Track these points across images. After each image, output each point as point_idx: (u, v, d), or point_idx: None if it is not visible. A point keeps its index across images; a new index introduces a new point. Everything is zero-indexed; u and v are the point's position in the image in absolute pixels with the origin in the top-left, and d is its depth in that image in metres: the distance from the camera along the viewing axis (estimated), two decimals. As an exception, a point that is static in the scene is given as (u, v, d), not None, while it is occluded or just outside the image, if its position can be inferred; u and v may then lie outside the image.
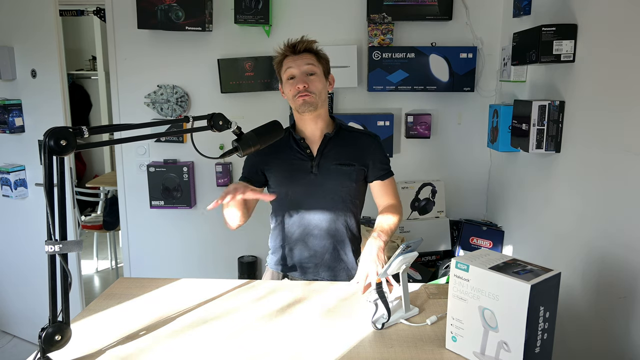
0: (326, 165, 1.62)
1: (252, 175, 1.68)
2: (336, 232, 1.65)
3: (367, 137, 1.69)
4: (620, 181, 1.55)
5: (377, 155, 1.66)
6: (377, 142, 1.69)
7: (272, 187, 1.69)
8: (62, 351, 1.07)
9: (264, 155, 1.61)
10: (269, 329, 1.25)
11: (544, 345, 1.02)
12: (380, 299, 1.24)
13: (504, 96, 2.54)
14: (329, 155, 1.62)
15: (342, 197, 1.64)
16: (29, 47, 2.52)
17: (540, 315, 0.99)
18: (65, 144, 0.97)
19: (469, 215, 2.77)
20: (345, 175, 1.63)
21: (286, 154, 1.65)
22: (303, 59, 1.58)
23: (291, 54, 1.59)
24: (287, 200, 1.65)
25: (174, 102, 2.64)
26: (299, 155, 1.64)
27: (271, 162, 1.65)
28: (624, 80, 1.54)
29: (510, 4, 2.36)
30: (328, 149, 1.63)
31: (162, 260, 2.83)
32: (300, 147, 1.63)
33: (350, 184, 1.64)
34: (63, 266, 1.01)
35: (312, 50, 1.61)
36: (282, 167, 1.65)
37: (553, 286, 1.01)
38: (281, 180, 1.66)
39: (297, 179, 1.63)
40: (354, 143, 1.66)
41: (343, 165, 1.62)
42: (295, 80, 1.56)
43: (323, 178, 1.62)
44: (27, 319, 2.80)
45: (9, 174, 2.60)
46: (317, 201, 1.63)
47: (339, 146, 1.64)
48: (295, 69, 1.57)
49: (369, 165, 1.65)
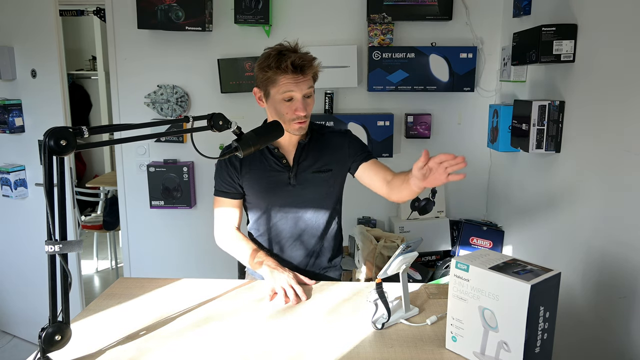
0: (304, 175, 1.59)
1: (229, 189, 1.61)
2: (319, 239, 1.66)
3: (337, 135, 1.65)
4: (620, 181, 1.55)
5: (352, 149, 1.62)
6: (348, 137, 1.65)
7: (250, 199, 1.64)
8: (62, 351, 1.07)
9: (238, 163, 1.58)
10: (269, 329, 1.25)
11: (544, 345, 1.02)
12: (380, 299, 1.24)
13: (504, 96, 2.54)
14: (305, 164, 1.59)
15: (323, 205, 1.63)
16: (29, 47, 2.52)
17: (540, 315, 0.99)
18: (65, 144, 0.97)
19: (469, 215, 2.77)
20: (324, 182, 1.61)
21: (262, 164, 1.58)
22: (305, 82, 1.47)
23: (293, 74, 1.44)
24: (267, 213, 1.63)
25: (174, 102, 2.64)
26: (275, 166, 1.58)
27: (247, 174, 1.59)
28: (624, 80, 1.54)
29: (510, 4, 2.36)
30: (304, 157, 1.59)
31: (162, 260, 2.83)
32: (276, 157, 1.57)
33: (329, 189, 1.63)
34: (63, 266, 1.01)
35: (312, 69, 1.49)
36: (260, 181, 1.59)
37: (553, 286, 1.02)
38: (259, 193, 1.61)
39: (276, 192, 1.59)
40: (327, 145, 1.62)
41: (320, 172, 1.59)
42: (294, 105, 1.47)
43: (302, 188, 1.59)
44: (27, 319, 2.80)
45: (9, 174, 2.60)
46: (297, 211, 1.61)
47: (314, 151, 1.60)
48: (297, 93, 1.46)
49: (346, 161, 1.62)
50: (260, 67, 1.47)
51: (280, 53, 1.44)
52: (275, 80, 1.46)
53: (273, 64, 1.43)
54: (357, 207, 2.74)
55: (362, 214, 2.77)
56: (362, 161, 1.60)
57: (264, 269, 1.50)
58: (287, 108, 1.48)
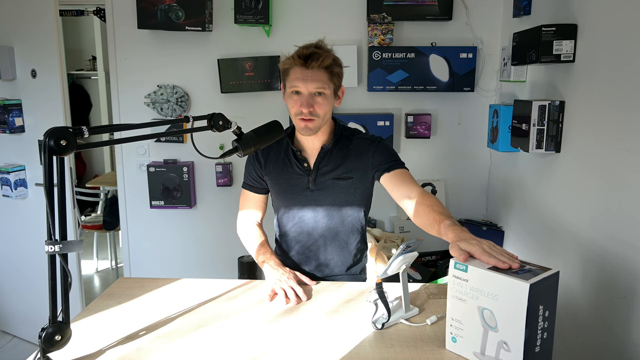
0: (323, 181, 1.55)
1: (254, 183, 1.65)
2: (336, 248, 1.62)
3: (365, 142, 1.55)
4: (620, 181, 1.55)
5: (377, 157, 1.53)
6: (375, 144, 1.54)
7: (273, 197, 1.66)
8: (62, 351, 1.07)
9: (263, 160, 1.60)
10: (269, 329, 1.25)
11: (543, 344, 1.02)
12: (380, 299, 1.24)
13: (504, 96, 2.54)
14: (325, 170, 1.54)
15: (342, 213, 1.58)
16: (29, 47, 2.52)
17: (539, 314, 0.99)
18: (65, 144, 0.97)
19: (469, 215, 2.77)
20: (343, 190, 1.55)
21: (285, 164, 1.58)
22: (314, 78, 1.41)
23: (301, 66, 1.41)
24: (286, 214, 1.63)
25: (174, 102, 2.64)
26: (296, 169, 1.56)
27: (270, 171, 1.60)
28: (624, 80, 1.54)
29: (510, 4, 2.36)
30: (325, 162, 1.54)
31: (162, 260, 2.83)
32: (298, 160, 1.56)
33: (348, 198, 1.56)
34: (63, 266, 1.01)
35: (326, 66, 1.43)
36: (280, 181, 1.59)
37: (552, 285, 1.01)
38: (279, 193, 1.61)
39: (295, 195, 1.58)
40: (352, 152, 1.55)
41: (340, 180, 1.54)
42: (299, 99, 1.43)
43: (320, 194, 1.56)
44: (27, 319, 2.80)
45: (9, 174, 2.60)
46: (316, 216, 1.59)
47: (336, 158, 1.54)
48: (304, 88, 1.42)
49: (369, 170, 1.54)
50: (280, 64, 1.50)
51: (302, 47, 1.45)
52: (288, 72, 1.46)
53: (289, 55, 1.45)
54: (357, 207, 2.74)
55: (362, 214, 2.77)
56: (385, 171, 1.50)
57: (265, 267, 1.51)
58: (293, 102, 1.46)
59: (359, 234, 1.64)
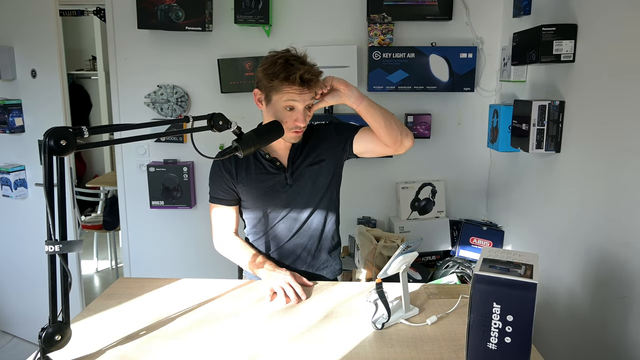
0: (299, 172, 1.60)
1: (225, 196, 1.61)
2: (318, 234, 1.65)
3: (324, 126, 1.66)
4: (620, 181, 1.55)
5: (341, 130, 1.63)
6: (334, 123, 1.66)
7: (247, 204, 1.64)
8: (62, 351, 1.07)
9: (234, 170, 1.58)
10: (269, 329, 1.25)
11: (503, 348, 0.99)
12: (380, 299, 1.24)
13: (504, 96, 2.54)
14: (299, 162, 1.60)
15: (321, 198, 1.63)
16: (29, 47, 2.52)
17: (494, 312, 0.98)
18: (65, 144, 0.97)
19: (469, 215, 2.77)
20: (319, 174, 1.61)
21: (257, 168, 1.59)
22: (309, 95, 1.46)
23: (299, 86, 1.42)
24: (265, 216, 1.63)
25: (174, 102, 2.64)
26: (270, 169, 1.59)
27: (242, 180, 1.59)
28: (624, 80, 1.54)
29: (510, 4, 2.36)
30: (297, 155, 1.60)
31: (162, 260, 2.83)
32: (269, 161, 1.59)
33: (324, 180, 1.62)
34: (63, 266, 1.01)
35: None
36: (257, 184, 1.59)
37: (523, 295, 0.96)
38: (257, 197, 1.61)
39: (275, 195, 1.59)
40: (315, 138, 1.63)
41: (314, 165, 1.60)
42: (295, 115, 1.47)
43: (299, 186, 1.60)
44: (27, 319, 2.80)
45: (9, 174, 2.60)
46: (296, 209, 1.61)
47: (305, 149, 1.61)
48: (300, 104, 1.46)
49: (338, 145, 1.62)
50: (266, 73, 1.44)
51: (287, 62, 1.41)
52: (280, 88, 1.44)
53: (281, 74, 1.40)
54: (357, 207, 2.74)
55: (362, 214, 2.77)
56: (353, 136, 1.61)
57: (262, 271, 1.50)
58: (288, 117, 1.47)
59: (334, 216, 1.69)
